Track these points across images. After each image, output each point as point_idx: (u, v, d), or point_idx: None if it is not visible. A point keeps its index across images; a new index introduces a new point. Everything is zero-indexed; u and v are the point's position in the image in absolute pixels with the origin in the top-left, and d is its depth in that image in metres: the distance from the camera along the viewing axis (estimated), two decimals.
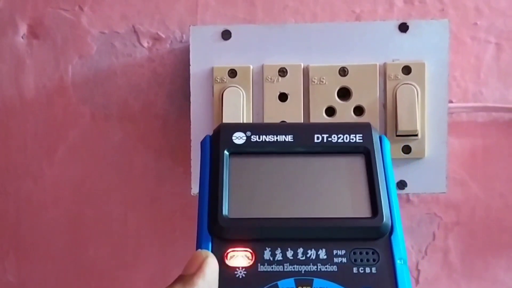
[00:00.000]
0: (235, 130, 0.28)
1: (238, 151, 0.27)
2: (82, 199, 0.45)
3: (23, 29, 0.44)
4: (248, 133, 0.28)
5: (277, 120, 0.38)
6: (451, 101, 0.42)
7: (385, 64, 0.37)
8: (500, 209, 0.43)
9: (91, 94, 0.44)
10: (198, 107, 0.39)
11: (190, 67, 0.38)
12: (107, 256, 0.45)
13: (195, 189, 0.39)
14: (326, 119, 0.37)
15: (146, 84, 0.44)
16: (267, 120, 0.38)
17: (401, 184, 0.38)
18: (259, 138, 0.28)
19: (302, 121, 0.37)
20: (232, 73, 0.38)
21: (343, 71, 0.37)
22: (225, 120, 0.37)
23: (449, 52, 0.38)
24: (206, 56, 0.38)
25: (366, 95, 0.37)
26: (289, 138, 0.28)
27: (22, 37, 0.44)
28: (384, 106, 0.37)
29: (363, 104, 0.37)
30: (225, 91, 0.37)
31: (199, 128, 0.39)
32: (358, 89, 0.37)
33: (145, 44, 0.43)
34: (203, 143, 0.28)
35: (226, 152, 0.27)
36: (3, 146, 0.45)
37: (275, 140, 0.28)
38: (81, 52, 0.44)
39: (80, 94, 0.44)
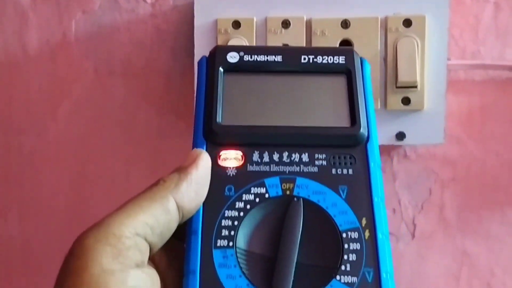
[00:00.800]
0: (230, 51, 0.30)
1: (231, 68, 0.30)
2: (85, 155, 0.45)
3: None
4: (241, 53, 0.30)
5: None
6: (449, 59, 0.43)
7: (386, 17, 0.38)
8: (495, 166, 0.44)
9: (94, 49, 0.44)
10: None
11: (194, 19, 0.39)
12: (109, 211, 0.45)
13: None
14: None
15: (149, 41, 0.44)
16: None
17: (400, 135, 0.39)
18: (251, 58, 0.30)
19: None
20: (236, 24, 0.38)
21: (345, 24, 0.38)
22: None
23: (449, 6, 0.39)
24: (210, 8, 0.39)
25: (367, 47, 0.38)
26: (278, 58, 0.30)
27: None
28: (385, 58, 0.38)
29: (365, 56, 0.38)
30: (229, 42, 0.38)
31: None
32: (359, 41, 0.38)
33: (148, 0, 0.44)
34: (200, 62, 0.30)
35: (221, 69, 0.29)
36: (7, 101, 0.45)
37: (265, 60, 0.30)
38: (84, 7, 0.44)
39: (83, 49, 0.44)
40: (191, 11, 0.40)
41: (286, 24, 0.38)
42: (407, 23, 0.38)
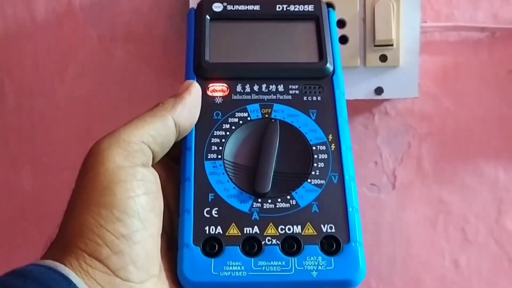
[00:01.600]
0: (215, 1, 0.35)
1: (216, 16, 0.35)
2: (91, 114, 0.49)
3: None
4: (225, 4, 0.35)
5: None
6: (425, 21, 0.46)
7: None
8: (468, 121, 0.48)
9: (97, 17, 0.48)
10: None
11: None
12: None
13: None
14: None
15: (148, 8, 0.48)
16: None
17: (379, 90, 0.42)
18: (233, 7, 0.35)
19: None
20: None
21: None
22: None
23: None
24: None
25: (348, 9, 0.41)
26: (256, 7, 0.35)
27: None
28: (364, 19, 0.42)
29: (345, 17, 0.42)
30: None
31: None
32: (340, 3, 0.41)
33: None
34: (189, 13, 0.35)
35: (207, 17, 0.34)
36: (17, 66, 0.49)
37: (245, 8, 0.35)
38: None
39: (87, 17, 0.48)
40: None
41: None
42: None
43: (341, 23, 0.42)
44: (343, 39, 0.42)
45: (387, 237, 0.49)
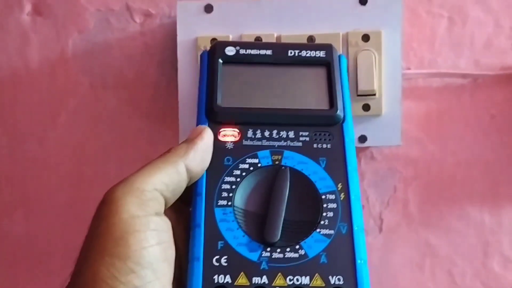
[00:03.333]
0: (228, 45, 0.35)
1: (229, 60, 0.35)
2: (83, 160, 0.50)
3: (28, 7, 0.49)
4: (238, 48, 0.35)
5: None
6: (408, 68, 0.47)
7: (347, 33, 0.43)
8: (452, 165, 0.48)
9: (89, 65, 0.49)
10: (185, 73, 0.44)
11: (177, 37, 0.44)
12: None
13: None
14: None
15: (139, 56, 0.49)
16: None
17: (362, 138, 0.43)
18: (246, 51, 0.35)
19: None
20: (214, 42, 0.43)
21: (311, 39, 0.43)
22: None
23: (402, 22, 0.43)
24: (191, 28, 0.44)
25: None
26: (269, 52, 0.35)
27: (27, 14, 0.49)
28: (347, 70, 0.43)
29: None
30: None
31: (186, 92, 0.44)
32: None
33: (137, 20, 0.49)
34: (202, 55, 0.35)
35: (220, 60, 0.35)
36: (11, 113, 0.50)
37: (258, 53, 0.35)
38: (80, 27, 0.49)
39: (80, 65, 0.49)
40: (175, 29, 0.44)
41: (258, 40, 0.43)
42: (366, 38, 0.43)
43: None
44: None
45: (374, 281, 0.49)
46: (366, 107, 0.43)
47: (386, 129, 0.43)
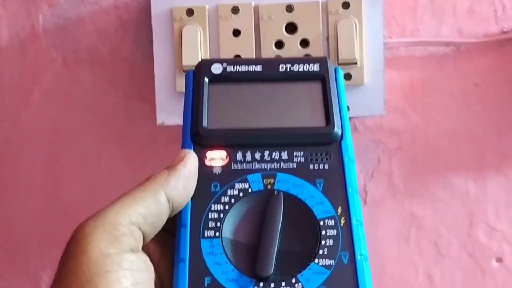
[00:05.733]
0: (213, 63, 0.32)
1: (216, 79, 0.32)
2: (58, 140, 0.48)
3: None
4: (224, 65, 0.32)
5: (232, 54, 0.42)
6: (390, 37, 0.46)
7: (326, 1, 0.42)
8: (436, 135, 0.48)
9: (61, 40, 0.47)
10: (160, 46, 0.43)
11: (152, 9, 0.42)
12: (83, 191, 0.49)
13: (159, 119, 0.43)
14: (275, 51, 0.42)
15: (113, 30, 0.47)
16: (223, 54, 0.42)
17: None
18: (233, 69, 0.32)
19: (254, 54, 0.42)
20: (190, 12, 0.42)
21: (289, 8, 0.41)
22: (185, 56, 0.42)
23: None
24: None
25: (311, 29, 0.41)
26: (258, 68, 0.32)
27: None
28: (327, 38, 0.42)
29: (308, 37, 0.42)
30: (184, 29, 0.41)
31: (162, 65, 0.43)
32: (303, 24, 0.41)
33: None
34: (187, 75, 0.33)
35: (206, 79, 0.32)
36: None
37: (246, 70, 0.32)
38: (50, 1, 0.47)
39: (51, 41, 0.47)
40: (149, 2, 0.43)
41: (235, 10, 0.42)
42: (346, 5, 0.41)
43: (304, 43, 0.42)
44: None
45: None
46: (348, 76, 0.42)
47: (368, 98, 0.42)
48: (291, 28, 0.42)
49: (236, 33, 0.42)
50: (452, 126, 0.48)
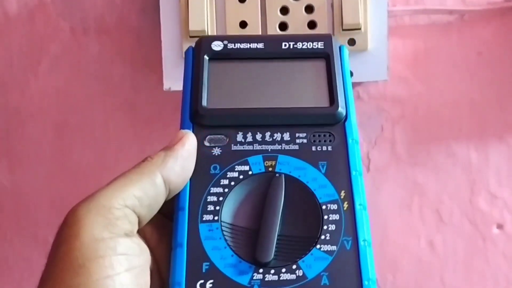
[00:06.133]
0: (214, 40, 0.31)
1: (216, 56, 0.31)
2: (66, 108, 0.49)
3: None
4: (225, 42, 0.31)
5: (237, 20, 0.42)
6: (394, 5, 0.47)
7: None
8: (439, 103, 0.48)
9: (69, 10, 0.48)
10: (167, 12, 0.43)
11: None
12: (91, 158, 0.50)
13: (166, 84, 0.44)
14: (280, 17, 0.42)
15: (120, 0, 0.48)
16: (229, 20, 0.42)
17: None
18: (234, 46, 0.31)
19: (260, 20, 0.42)
20: None
21: None
22: (191, 23, 0.42)
23: None
24: None
25: None
26: (260, 45, 0.31)
27: None
28: (332, 4, 0.42)
29: (313, 3, 0.42)
30: None
31: (169, 31, 0.44)
32: None
33: None
34: (186, 52, 0.32)
35: (206, 57, 0.31)
36: None
37: (248, 47, 0.31)
38: None
39: (59, 10, 0.48)
40: None
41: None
42: None
43: (309, 9, 0.42)
44: (312, 24, 0.42)
45: None
46: (352, 42, 0.42)
47: (372, 64, 0.43)
48: None
49: None
50: (455, 94, 0.48)
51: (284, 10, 0.42)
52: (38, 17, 0.48)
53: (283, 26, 0.43)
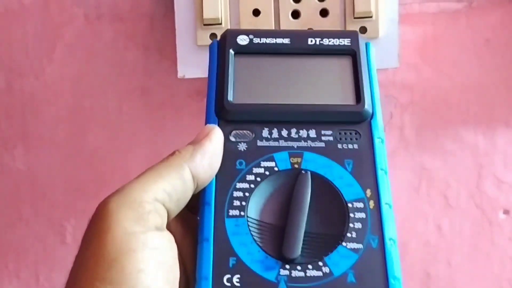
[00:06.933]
0: (240, 34, 0.31)
1: (242, 51, 0.31)
2: (80, 93, 0.50)
3: None
4: (251, 36, 0.31)
5: (251, 7, 0.43)
6: None
7: None
8: (448, 89, 0.49)
9: None
10: (181, 1, 0.44)
11: None
12: (105, 142, 0.51)
13: (180, 72, 0.44)
14: (293, 5, 0.43)
15: None
16: (242, 8, 0.43)
17: None
18: (260, 40, 0.31)
19: (273, 8, 0.43)
20: None
21: None
22: (205, 10, 0.43)
23: None
24: None
25: None
26: (286, 40, 0.31)
27: None
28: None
29: None
30: None
31: (183, 18, 0.44)
32: None
33: None
34: (211, 46, 0.32)
35: (231, 51, 0.31)
36: (7, 47, 0.50)
37: (274, 42, 0.31)
38: None
39: None
40: None
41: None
42: None
43: None
44: (324, 12, 0.43)
45: None
46: (363, 30, 0.43)
47: (383, 51, 0.43)
48: None
49: None
50: (463, 80, 0.49)
51: None
52: (52, 4, 0.49)
53: (295, 14, 0.43)
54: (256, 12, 0.43)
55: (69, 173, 0.51)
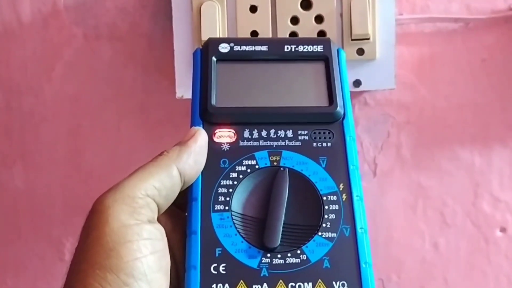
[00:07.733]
0: (221, 42, 0.33)
1: (223, 58, 0.33)
2: (79, 111, 0.50)
3: None
4: (232, 44, 0.33)
5: (248, 29, 0.43)
6: (401, 14, 0.48)
7: None
8: (444, 108, 0.50)
9: (82, 16, 0.49)
10: (180, 22, 0.44)
11: None
12: (104, 160, 0.51)
13: (179, 92, 0.45)
14: (290, 27, 0.43)
15: (132, 7, 0.49)
16: (240, 29, 0.43)
17: (357, 83, 0.44)
18: (240, 48, 0.33)
19: (270, 30, 0.43)
20: None
21: None
22: (203, 31, 0.43)
23: None
24: None
25: (325, 5, 0.43)
26: (264, 48, 0.34)
27: None
28: (341, 14, 0.43)
29: (323, 13, 0.43)
30: (203, 5, 0.43)
31: (182, 40, 0.45)
32: (318, 0, 0.43)
33: None
34: (195, 54, 0.34)
35: (214, 58, 0.33)
36: (5, 67, 0.50)
37: (253, 49, 0.33)
38: None
39: (73, 16, 0.49)
40: None
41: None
42: None
43: (318, 19, 0.43)
44: (321, 34, 0.43)
45: (370, 223, 0.50)
46: (360, 51, 0.43)
47: (380, 72, 0.44)
48: (306, 4, 0.43)
49: (253, 9, 0.43)
50: (459, 100, 0.49)
51: (295, 20, 0.43)
52: (52, 24, 0.49)
53: (293, 35, 0.44)
54: (254, 34, 0.43)
55: (68, 191, 0.51)
